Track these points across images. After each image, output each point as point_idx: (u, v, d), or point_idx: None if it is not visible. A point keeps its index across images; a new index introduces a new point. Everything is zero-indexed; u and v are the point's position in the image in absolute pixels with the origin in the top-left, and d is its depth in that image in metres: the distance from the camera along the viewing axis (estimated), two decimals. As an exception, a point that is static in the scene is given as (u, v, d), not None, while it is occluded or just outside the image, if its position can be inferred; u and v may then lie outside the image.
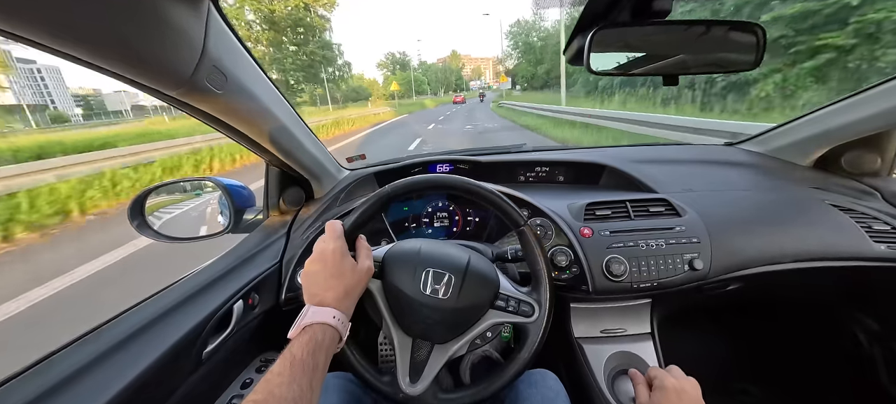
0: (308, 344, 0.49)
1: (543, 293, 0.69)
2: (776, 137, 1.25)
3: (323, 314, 0.53)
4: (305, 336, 0.50)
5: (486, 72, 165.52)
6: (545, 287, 0.69)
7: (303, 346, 0.48)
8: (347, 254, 0.61)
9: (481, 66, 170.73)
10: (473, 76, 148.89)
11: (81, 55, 0.40)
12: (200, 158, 8.15)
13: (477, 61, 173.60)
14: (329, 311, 0.54)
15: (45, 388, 0.48)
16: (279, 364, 0.46)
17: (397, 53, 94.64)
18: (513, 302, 0.69)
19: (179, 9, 0.44)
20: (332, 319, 0.53)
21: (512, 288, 0.71)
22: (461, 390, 0.68)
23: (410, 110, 32.99)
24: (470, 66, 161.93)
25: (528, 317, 0.68)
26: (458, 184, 0.71)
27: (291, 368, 0.45)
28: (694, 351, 1.28)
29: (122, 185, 6.23)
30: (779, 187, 1.07)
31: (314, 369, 0.47)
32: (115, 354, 0.56)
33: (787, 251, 0.90)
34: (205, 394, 0.73)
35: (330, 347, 0.52)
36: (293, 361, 0.46)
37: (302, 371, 0.45)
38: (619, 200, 0.99)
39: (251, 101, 0.67)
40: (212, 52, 0.52)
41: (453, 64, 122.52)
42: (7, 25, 0.34)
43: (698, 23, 0.60)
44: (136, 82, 0.47)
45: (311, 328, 0.51)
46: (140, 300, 0.70)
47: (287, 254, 0.94)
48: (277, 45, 35.62)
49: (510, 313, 0.68)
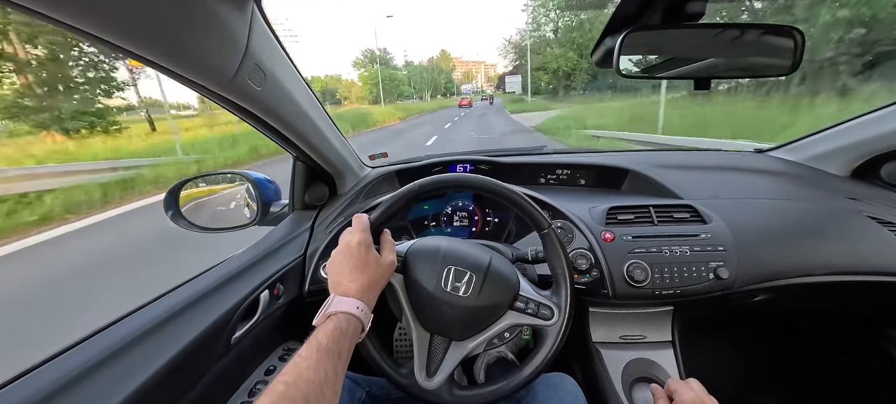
0: (333, 332, 0.50)
1: (564, 297, 0.69)
2: (810, 145, 1.20)
3: (347, 304, 0.55)
4: (330, 324, 0.51)
5: (478, 76, 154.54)
6: (566, 291, 0.69)
7: (328, 334, 0.49)
8: (372, 247, 0.62)
9: (473, 69, 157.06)
10: (465, 79, 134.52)
11: (138, 51, 0.43)
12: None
13: (468, 65, 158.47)
14: (353, 302, 0.55)
15: (84, 368, 0.51)
16: (306, 348, 0.47)
17: (379, 50, 74.83)
18: (532, 304, 0.69)
19: (227, 9, 0.47)
20: (356, 309, 0.55)
21: (532, 290, 0.71)
22: (477, 388, 0.68)
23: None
24: (461, 68, 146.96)
25: (547, 321, 0.68)
26: (484, 185, 0.72)
27: (317, 354, 0.46)
28: (716, 362, 1.25)
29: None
30: (812, 197, 1.03)
31: (338, 356, 0.49)
32: (151, 336, 0.59)
33: (819, 263, 0.87)
34: (231, 378, 0.76)
35: (353, 336, 0.53)
36: (319, 347, 0.47)
37: (327, 356, 0.47)
38: (643, 205, 0.98)
39: (286, 99, 0.70)
40: (254, 51, 0.54)
41: (443, 64, 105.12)
42: (69, 18, 0.36)
43: (732, 26, 0.59)
44: (186, 78, 0.50)
45: (336, 316, 0.53)
46: (174, 286, 0.73)
47: (310, 247, 0.97)
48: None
49: (529, 315, 0.68)
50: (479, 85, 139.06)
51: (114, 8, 0.38)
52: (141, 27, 0.41)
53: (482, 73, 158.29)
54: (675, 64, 0.62)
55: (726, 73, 0.61)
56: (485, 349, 0.99)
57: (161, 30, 0.42)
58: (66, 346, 0.54)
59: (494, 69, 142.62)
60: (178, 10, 0.42)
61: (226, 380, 0.74)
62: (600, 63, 0.68)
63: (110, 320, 0.61)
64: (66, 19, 0.37)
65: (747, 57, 0.60)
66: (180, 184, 1.00)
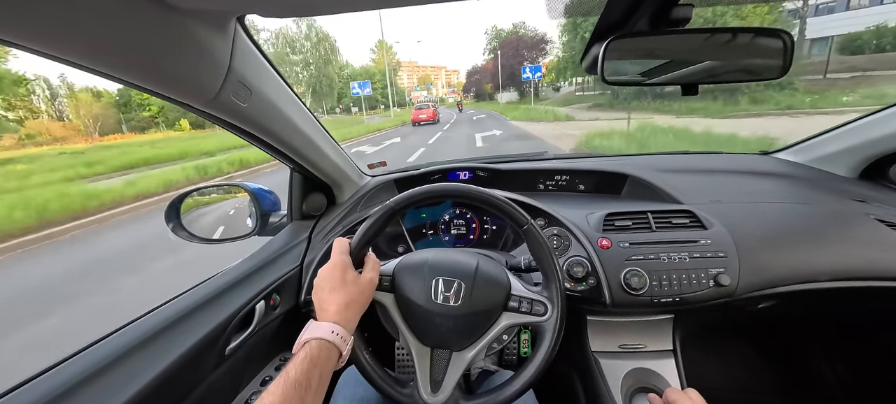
0: (303, 361, 0.50)
1: (554, 291, 0.68)
2: (816, 146, 1.17)
3: (322, 329, 0.54)
4: (301, 353, 0.51)
5: (437, 82, 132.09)
6: (556, 284, 0.68)
7: (297, 365, 0.49)
8: (349, 268, 0.62)
9: (431, 74, 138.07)
10: (421, 85, 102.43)
11: (115, 74, 0.44)
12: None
13: (424, 69, 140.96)
14: (328, 326, 0.55)
15: (76, 380, 0.52)
16: (274, 384, 0.47)
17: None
18: (526, 302, 0.68)
19: (207, 30, 0.47)
20: (331, 334, 0.54)
21: (523, 288, 0.71)
22: (482, 396, 0.67)
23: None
24: (416, 73, 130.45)
25: (542, 317, 0.67)
26: (458, 191, 0.72)
27: (284, 388, 0.46)
28: (718, 371, 1.22)
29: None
30: (817, 199, 1.00)
31: (307, 388, 0.48)
32: (145, 348, 0.60)
33: (824, 268, 0.84)
34: (226, 389, 0.77)
35: (327, 363, 0.52)
36: (287, 381, 0.47)
37: (294, 389, 0.46)
38: (640, 211, 0.96)
39: (275, 113, 0.71)
40: (237, 69, 0.55)
41: (379, 63, 67.88)
42: (42, 46, 0.37)
43: (721, 30, 0.58)
44: (167, 97, 0.51)
45: (309, 344, 0.52)
46: (169, 298, 0.74)
47: (307, 257, 0.98)
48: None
49: (524, 314, 0.68)
50: (436, 94, 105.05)
51: (85, 31, 0.38)
52: (116, 52, 0.42)
53: (442, 79, 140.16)
54: (664, 70, 0.61)
55: (715, 77, 0.60)
56: (487, 354, 0.97)
57: (138, 53, 0.43)
58: (55, 362, 0.55)
59: (457, 75, 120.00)
60: (156, 33, 0.42)
61: (220, 392, 0.75)
62: (589, 70, 0.68)
63: (96, 337, 0.61)
64: (44, 49, 0.37)
65: (736, 60, 0.59)
66: (181, 197, 1.02)
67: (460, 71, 49.69)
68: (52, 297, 3.21)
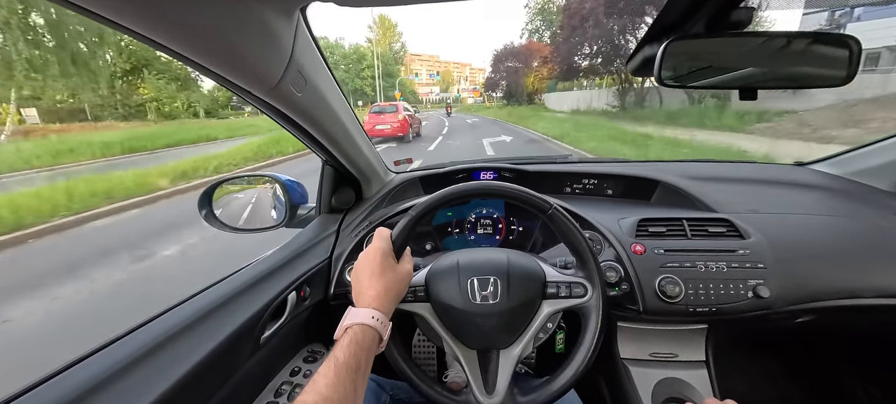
0: (349, 345, 0.51)
1: (592, 270, 0.67)
2: (856, 159, 1.14)
3: (362, 315, 0.56)
4: (346, 338, 0.53)
5: (460, 79, 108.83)
6: (592, 262, 0.67)
7: (344, 349, 0.51)
8: (390, 256, 0.63)
9: (454, 71, 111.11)
10: (443, 84, 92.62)
11: (190, 55, 0.45)
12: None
13: (446, 65, 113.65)
14: (368, 312, 0.56)
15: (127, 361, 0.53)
16: (325, 366, 0.48)
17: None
18: (564, 286, 0.67)
19: (276, 17, 0.48)
20: (371, 319, 0.55)
21: (558, 274, 0.70)
22: (539, 389, 0.66)
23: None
24: (436, 69, 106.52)
25: (583, 298, 0.66)
26: (480, 188, 0.72)
27: (336, 370, 0.48)
28: (753, 385, 1.19)
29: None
30: (859, 213, 0.97)
31: (357, 370, 0.50)
32: (188, 333, 0.61)
33: (868, 284, 0.82)
34: (259, 377, 0.78)
35: (371, 347, 0.54)
36: (337, 363, 0.49)
37: (346, 371, 0.48)
38: (675, 217, 0.94)
39: (323, 105, 0.72)
40: (298, 58, 0.56)
41: (384, 41, 57.82)
42: (124, 20, 0.38)
43: (780, 35, 0.57)
44: (232, 84, 0.52)
45: (352, 329, 0.54)
46: (206, 286, 0.75)
47: (336, 251, 0.98)
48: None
49: (564, 298, 0.67)
50: (457, 92, 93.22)
51: (168, 13, 0.39)
52: (194, 32, 0.43)
53: (467, 78, 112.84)
54: (719, 73, 0.60)
55: (773, 82, 0.58)
56: (535, 346, 0.96)
57: (213, 35, 0.44)
58: (100, 345, 0.56)
59: (482, 74, 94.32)
60: (229, 16, 0.43)
61: (253, 379, 0.75)
62: (637, 72, 0.67)
63: (144, 319, 0.62)
64: (122, 22, 0.38)
65: (796, 66, 0.57)
66: (214, 186, 1.03)
67: (487, 70, 43.77)
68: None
